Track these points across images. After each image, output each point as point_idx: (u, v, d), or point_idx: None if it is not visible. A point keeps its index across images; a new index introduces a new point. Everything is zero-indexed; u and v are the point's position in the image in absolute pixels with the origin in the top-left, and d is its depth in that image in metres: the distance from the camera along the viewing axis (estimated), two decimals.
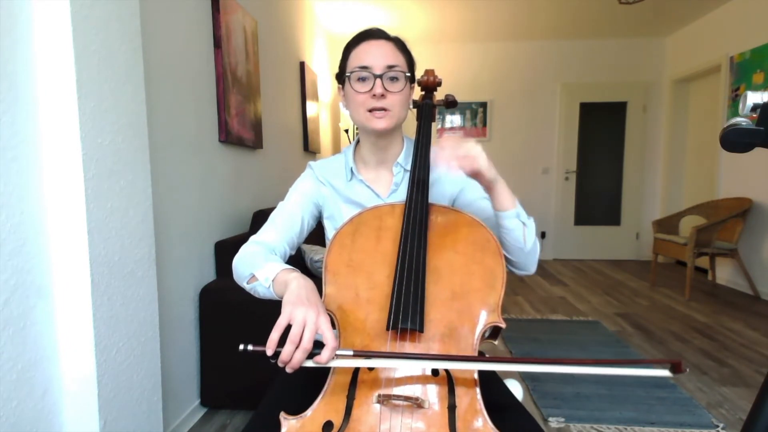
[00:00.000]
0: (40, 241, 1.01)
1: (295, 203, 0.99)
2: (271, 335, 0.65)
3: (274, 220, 0.96)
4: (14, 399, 0.95)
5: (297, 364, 0.65)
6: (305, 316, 0.66)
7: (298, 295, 0.70)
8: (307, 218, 0.99)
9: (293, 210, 0.98)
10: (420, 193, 0.87)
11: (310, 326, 0.65)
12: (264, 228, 0.95)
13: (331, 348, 0.66)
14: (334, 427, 0.68)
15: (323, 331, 0.66)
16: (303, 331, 0.65)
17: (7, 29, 0.93)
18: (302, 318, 0.65)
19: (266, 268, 0.81)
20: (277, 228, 0.95)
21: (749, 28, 3.81)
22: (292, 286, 0.73)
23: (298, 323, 0.65)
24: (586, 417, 1.84)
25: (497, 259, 0.81)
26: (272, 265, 0.82)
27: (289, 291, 0.72)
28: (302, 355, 0.65)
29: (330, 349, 0.66)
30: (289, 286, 0.73)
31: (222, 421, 1.82)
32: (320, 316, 0.67)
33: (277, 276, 0.79)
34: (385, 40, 0.91)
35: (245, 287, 0.87)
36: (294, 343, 0.64)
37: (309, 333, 0.65)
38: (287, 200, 1.00)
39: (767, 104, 0.54)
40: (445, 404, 0.70)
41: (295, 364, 0.65)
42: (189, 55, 1.81)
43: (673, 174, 5.00)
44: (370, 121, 0.92)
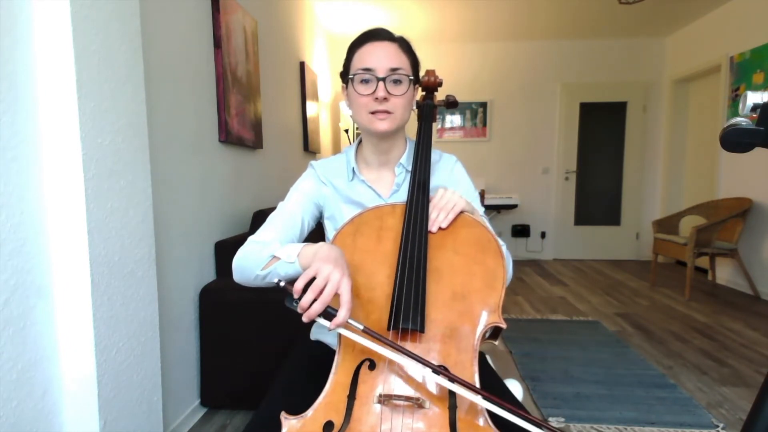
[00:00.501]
0: (40, 241, 1.01)
1: (295, 203, 0.98)
2: (296, 283, 0.69)
3: (274, 220, 0.95)
4: (14, 399, 0.95)
5: (313, 314, 0.68)
6: (330, 273, 0.69)
7: (328, 254, 0.73)
8: (307, 219, 0.99)
9: (293, 210, 0.97)
10: (421, 194, 0.87)
11: (333, 282, 0.68)
12: (263, 228, 0.93)
13: (346, 308, 0.68)
14: (334, 427, 0.68)
15: (342, 293, 0.69)
16: (326, 285, 0.68)
17: (7, 29, 0.93)
18: (327, 273, 0.69)
19: (287, 248, 0.82)
20: (277, 228, 0.93)
21: (749, 28, 3.81)
22: (324, 248, 0.76)
23: (322, 276, 0.68)
24: (586, 417, 1.84)
25: (498, 260, 0.81)
26: (292, 245, 0.83)
27: (321, 251, 0.75)
28: (320, 306, 0.68)
29: (346, 309, 0.68)
30: (320, 249, 0.76)
31: (222, 421, 1.82)
32: (344, 277, 0.70)
33: (302, 250, 0.80)
34: (389, 42, 0.91)
35: (258, 276, 0.84)
36: (315, 292, 0.68)
37: (331, 287, 0.68)
38: (288, 200, 0.99)
39: (767, 104, 0.54)
40: (445, 404, 0.70)
41: (312, 313, 0.68)
42: (189, 55, 1.81)
43: (673, 174, 5.00)
44: (372, 123, 0.92)
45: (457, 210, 0.85)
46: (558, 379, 2.18)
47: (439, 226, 0.84)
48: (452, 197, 0.86)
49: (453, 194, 0.87)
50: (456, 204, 0.86)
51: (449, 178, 1.04)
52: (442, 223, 0.84)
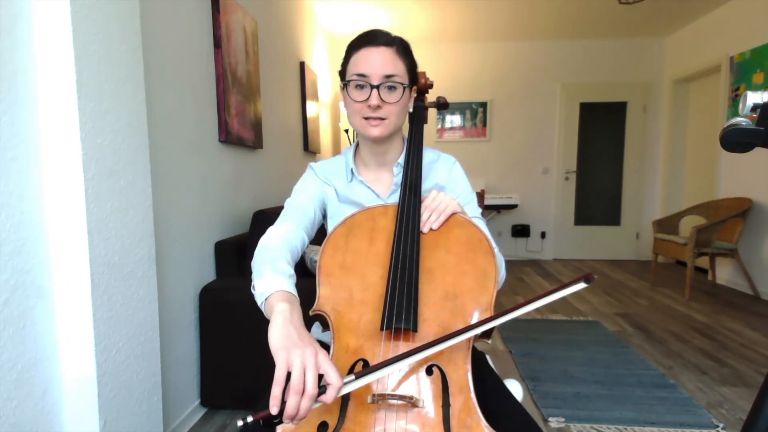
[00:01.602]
0: (40, 241, 1.01)
1: (304, 197, 1.00)
2: (272, 391, 0.57)
3: (288, 213, 0.96)
4: (14, 399, 0.95)
5: (305, 413, 0.58)
6: (303, 358, 0.59)
7: (287, 335, 0.63)
8: (318, 212, 1.00)
9: (304, 202, 0.98)
10: (412, 195, 0.88)
11: (311, 369, 0.58)
12: (279, 220, 0.94)
13: (336, 388, 0.60)
14: (329, 427, 0.68)
15: (326, 370, 0.60)
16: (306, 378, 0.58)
17: (7, 29, 0.93)
18: (300, 362, 0.59)
19: (266, 279, 0.75)
20: (293, 218, 0.94)
21: (749, 28, 3.81)
22: (277, 321, 0.65)
23: (297, 369, 0.58)
24: (586, 417, 1.84)
25: (489, 259, 0.82)
26: (273, 279, 0.75)
27: (274, 329, 0.64)
28: (309, 403, 0.58)
29: (336, 387, 0.60)
30: (273, 319, 0.66)
31: (222, 421, 1.82)
32: (319, 353, 0.61)
33: (270, 297, 0.72)
34: (385, 47, 0.91)
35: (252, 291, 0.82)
36: (298, 393, 0.57)
37: (311, 377, 0.58)
38: (295, 196, 1.01)
39: (767, 104, 0.54)
40: (439, 403, 0.70)
41: (303, 414, 0.58)
42: (189, 55, 1.81)
43: (673, 174, 5.00)
44: (366, 128, 0.93)
45: (449, 212, 0.86)
46: (558, 379, 2.18)
47: (430, 227, 0.85)
48: (444, 199, 0.87)
49: (445, 196, 0.87)
50: (448, 206, 0.86)
51: (447, 179, 1.04)
52: (433, 224, 0.85)
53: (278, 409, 0.57)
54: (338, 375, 0.60)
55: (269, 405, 0.56)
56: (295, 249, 0.89)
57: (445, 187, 1.03)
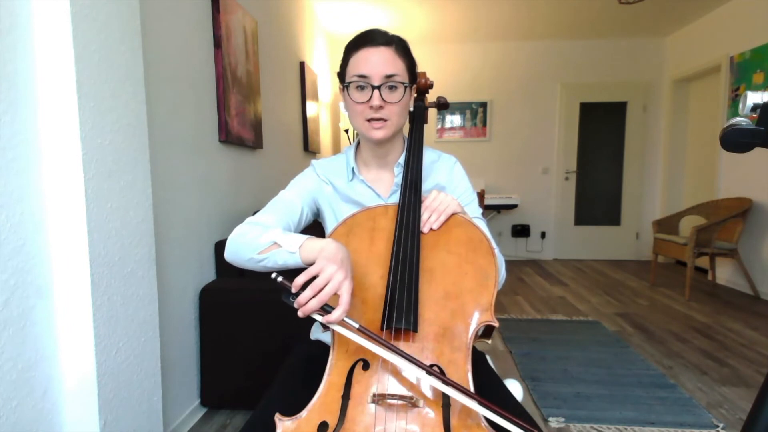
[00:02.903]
0: (40, 241, 1.01)
1: (295, 193, 0.99)
2: (297, 278, 0.69)
3: (274, 206, 0.95)
4: (14, 399, 0.95)
5: (309, 310, 0.68)
6: (333, 273, 0.68)
7: (335, 254, 0.72)
8: (306, 210, 0.99)
9: (293, 199, 0.98)
10: (413, 195, 0.88)
11: (334, 283, 0.68)
12: (263, 211, 0.93)
13: (342, 309, 0.68)
14: (329, 427, 0.68)
15: (342, 294, 0.68)
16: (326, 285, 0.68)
17: (7, 29, 0.93)
18: (330, 273, 0.68)
19: (289, 236, 0.80)
20: (276, 212, 0.93)
21: (749, 28, 3.81)
22: (331, 247, 0.74)
23: (325, 276, 0.68)
24: (586, 417, 1.84)
25: (489, 259, 0.82)
26: (295, 235, 0.81)
27: (327, 249, 0.74)
28: (317, 304, 0.67)
29: (342, 311, 0.68)
30: (327, 247, 0.75)
31: (222, 421, 1.82)
32: (347, 279, 0.69)
33: (305, 242, 0.78)
34: (384, 47, 0.90)
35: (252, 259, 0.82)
36: (314, 291, 0.67)
37: (331, 287, 0.67)
38: (288, 189, 1.00)
39: (767, 104, 0.54)
40: (439, 403, 0.70)
41: (307, 310, 0.68)
42: (189, 55, 1.81)
43: (673, 174, 5.00)
44: (369, 131, 0.93)
45: (449, 212, 0.86)
46: (558, 379, 2.18)
47: (431, 227, 0.85)
48: (445, 199, 0.87)
49: (446, 196, 0.87)
50: (448, 206, 0.86)
51: (448, 179, 1.04)
52: (433, 224, 0.85)
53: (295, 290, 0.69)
54: (348, 303, 0.68)
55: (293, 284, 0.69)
56: None
57: (445, 187, 1.03)
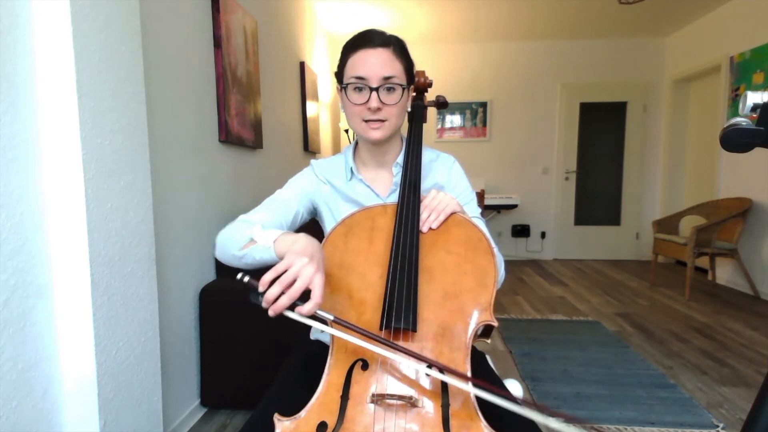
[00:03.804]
0: (40, 241, 1.01)
1: (292, 192, 1.00)
2: (265, 275, 0.66)
3: (268, 204, 0.96)
4: (14, 399, 0.95)
5: (279, 308, 0.65)
6: (302, 267, 0.66)
7: (304, 248, 0.71)
8: (302, 210, 1.00)
9: (289, 197, 0.98)
10: (412, 194, 0.88)
11: (303, 277, 0.65)
12: (256, 210, 0.94)
13: (314, 303, 0.66)
14: (328, 427, 0.68)
15: (314, 288, 0.66)
16: (295, 280, 0.65)
17: (7, 29, 0.93)
18: (298, 268, 0.66)
19: (267, 232, 0.80)
20: (270, 211, 0.94)
21: (749, 28, 3.81)
22: (301, 241, 0.74)
23: (293, 270, 0.66)
24: (586, 417, 1.84)
25: (489, 258, 0.82)
26: (273, 231, 0.81)
27: (297, 243, 0.73)
28: (286, 300, 0.65)
29: (313, 304, 0.66)
30: (297, 241, 0.74)
31: (222, 421, 1.82)
32: (318, 273, 0.67)
33: (280, 237, 0.78)
34: (382, 48, 0.90)
35: (234, 256, 0.84)
36: (282, 285, 0.65)
37: (300, 283, 0.65)
38: (285, 188, 1.01)
39: (767, 104, 0.54)
40: (438, 403, 0.70)
41: (278, 307, 0.65)
42: (189, 55, 1.81)
43: (673, 174, 5.00)
44: (366, 131, 0.93)
45: (449, 211, 0.86)
46: (558, 379, 2.18)
47: (430, 227, 0.85)
48: (444, 198, 0.87)
49: (445, 196, 0.87)
50: (447, 205, 0.86)
51: (447, 178, 1.04)
52: (432, 223, 0.85)
53: (263, 289, 0.66)
54: (321, 296, 0.67)
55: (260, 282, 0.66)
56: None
57: (444, 186, 1.03)
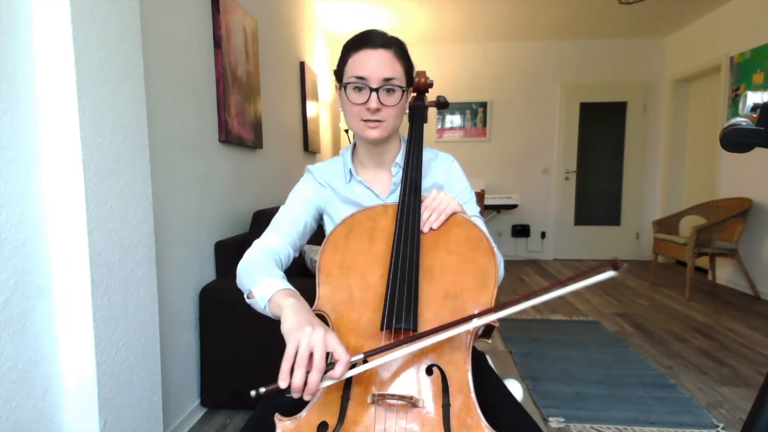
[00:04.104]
0: (40, 241, 1.01)
1: (296, 206, 1.00)
2: (281, 367, 0.62)
3: (277, 224, 0.97)
4: (14, 399, 0.95)
5: (314, 386, 0.62)
6: (311, 339, 0.63)
7: (298, 321, 0.67)
8: (309, 221, 1.01)
9: (296, 212, 0.99)
10: (413, 194, 0.88)
11: (318, 346, 0.63)
12: (267, 232, 0.96)
13: (344, 363, 0.64)
14: (328, 427, 0.68)
15: (334, 348, 0.64)
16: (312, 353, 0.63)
17: (7, 29, 0.93)
18: (307, 342, 0.63)
19: (264, 284, 0.78)
20: (280, 232, 0.95)
21: (749, 28, 3.80)
22: (288, 314, 0.70)
23: (303, 347, 0.63)
24: (586, 417, 1.84)
25: (489, 258, 0.82)
26: (270, 282, 0.78)
27: (287, 318, 0.69)
28: (317, 375, 0.62)
29: (344, 364, 0.64)
30: (284, 313, 0.70)
31: (222, 421, 1.82)
32: (328, 333, 0.65)
33: (274, 297, 0.76)
34: (383, 49, 0.90)
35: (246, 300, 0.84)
36: (302, 367, 0.62)
37: (319, 352, 0.63)
38: (288, 203, 1.01)
39: (767, 104, 0.54)
40: (439, 403, 0.70)
41: (312, 387, 0.62)
42: (189, 55, 1.81)
43: (673, 174, 5.00)
44: (364, 131, 0.93)
45: (449, 212, 0.86)
46: (558, 379, 2.18)
47: (430, 227, 0.85)
48: (445, 198, 0.86)
49: (446, 196, 0.87)
50: (448, 205, 0.86)
51: (445, 178, 1.04)
52: (433, 224, 0.85)
53: (287, 383, 0.62)
54: (346, 352, 0.64)
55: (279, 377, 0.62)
56: (279, 262, 0.90)
57: (443, 186, 1.03)
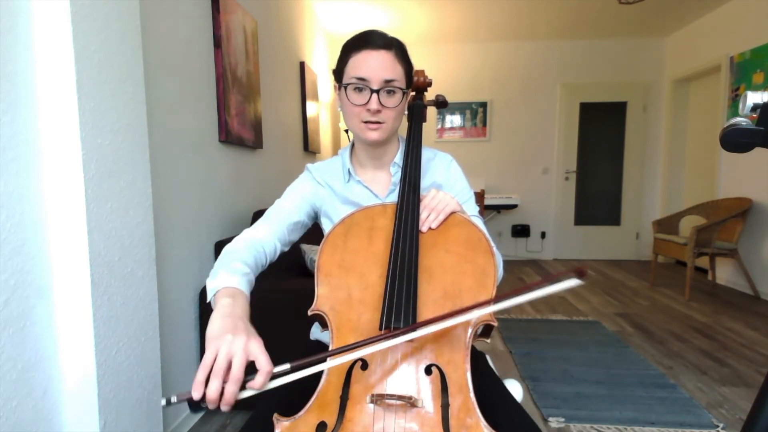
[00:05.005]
0: (40, 241, 1.01)
1: (291, 202, 1.00)
2: (196, 376, 0.58)
3: (269, 216, 0.97)
4: (14, 399, 0.95)
5: (230, 398, 0.58)
6: (230, 346, 0.60)
7: (222, 327, 0.64)
8: (303, 218, 1.00)
9: (289, 208, 0.99)
10: (412, 193, 0.87)
11: (238, 355, 0.59)
12: (258, 223, 0.96)
13: (265, 372, 0.60)
14: (327, 427, 0.67)
15: (256, 356, 0.61)
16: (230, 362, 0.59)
17: (7, 29, 0.93)
18: (227, 349, 0.60)
19: (218, 278, 0.77)
20: (271, 224, 0.95)
21: (749, 28, 3.81)
22: (215, 316, 0.67)
23: (222, 354, 0.59)
24: (586, 417, 1.84)
25: (488, 258, 0.82)
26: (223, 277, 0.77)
27: (212, 322, 0.65)
28: (234, 387, 0.58)
29: (264, 374, 0.60)
30: (213, 315, 0.67)
31: (222, 421, 1.82)
32: (250, 340, 0.62)
33: (217, 293, 0.74)
34: (385, 51, 0.90)
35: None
36: (219, 377, 0.58)
37: (238, 360, 0.59)
38: (284, 198, 1.01)
39: (767, 104, 0.54)
40: (438, 403, 0.70)
41: (229, 398, 0.58)
42: (189, 55, 1.81)
43: (673, 174, 5.00)
44: (364, 132, 0.93)
45: (448, 211, 0.86)
46: (558, 379, 2.18)
47: (429, 227, 0.85)
48: (444, 198, 0.86)
49: (445, 195, 0.87)
50: (447, 205, 0.86)
51: (445, 177, 1.04)
52: (432, 223, 0.84)
53: (200, 394, 0.57)
54: (268, 361, 0.61)
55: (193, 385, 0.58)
56: (262, 254, 0.90)
57: (442, 185, 1.03)
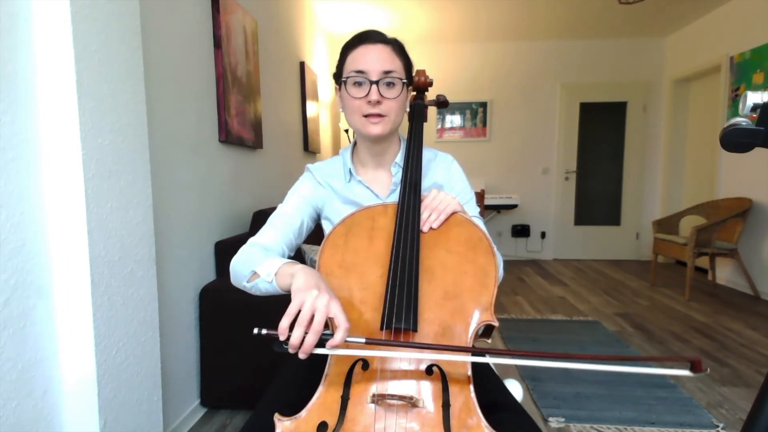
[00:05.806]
0: (40, 241, 1.01)
1: (293, 205, 1.00)
2: (281, 322, 0.64)
3: (273, 222, 0.97)
4: (14, 399, 0.95)
5: (309, 348, 0.64)
6: (315, 301, 0.65)
7: (307, 281, 0.70)
8: (306, 220, 1.00)
9: (292, 212, 0.99)
10: (413, 194, 0.87)
11: (321, 309, 0.64)
12: (262, 230, 0.95)
13: (344, 329, 0.64)
14: (328, 427, 0.68)
15: (335, 314, 0.65)
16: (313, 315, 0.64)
17: (7, 29, 0.93)
18: (311, 303, 0.65)
19: (267, 263, 0.81)
20: (276, 229, 0.95)
21: (749, 28, 3.81)
22: (300, 275, 0.72)
23: (308, 307, 0.64)
24: (586, 417, 1.84)
25: (489, 258, 0.82)
26: (273, 260, 0.81)
27: (298, 280, 0.71)
28: (314, 338, 0.63)
29: (343, 330, 0.64)
30: (296, 276, 0.73)
31: (222, 421, 1.82)
32: (332, 300, 0.66)
33: (280, 269, 0.79)
34: (382, 44, 0.91)
35: (245, 287, 0.86)
36: (302, 326, 0.63)
37: (320, 315, 0.64)
38: (286, 203, 1.01)
39: (767, 104, 0.54)
40: (439, 403, 0.70)
41: (307, 348, 0.64)
42: (189, 55, 1.81)
43: (673, 174, 5.00)
44: (366, 126, 0.92)
45: (449, 211, 0.86)
46: (558, 379, 2.18)
47: (430, 227, 0.85)
48: (445, 198, 0.86)
49: (446, 195, 0.87)
50: (448, 205, 0.86)
51: (445, 177, 1.04)
52: (433, 223, 0.84)
53: (284, 338, 0.63)
54: (346, 320, 0.65)
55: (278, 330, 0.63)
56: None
57: (443, 185, 1.03)
